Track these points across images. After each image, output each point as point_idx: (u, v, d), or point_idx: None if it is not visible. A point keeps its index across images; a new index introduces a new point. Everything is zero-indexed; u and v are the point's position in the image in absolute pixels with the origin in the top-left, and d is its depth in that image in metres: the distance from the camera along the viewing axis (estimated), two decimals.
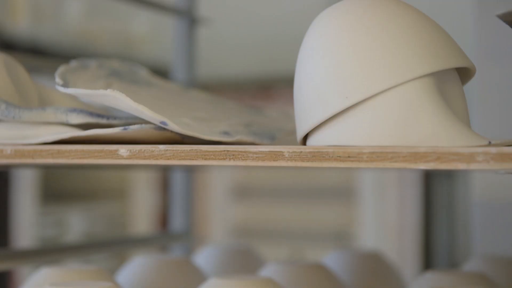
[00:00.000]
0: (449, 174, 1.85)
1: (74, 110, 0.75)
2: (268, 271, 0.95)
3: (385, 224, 1.96)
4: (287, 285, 0.91)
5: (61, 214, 2.38)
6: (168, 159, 0.68)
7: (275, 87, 2.15)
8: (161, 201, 2.44)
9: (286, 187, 2.26)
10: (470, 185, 1.72)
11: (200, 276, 0.97)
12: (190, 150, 0.67)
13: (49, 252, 1.07)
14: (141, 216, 2.43)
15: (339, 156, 0.63)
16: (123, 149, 0.69)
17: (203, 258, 1.13)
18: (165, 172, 2.14)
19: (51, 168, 2.07)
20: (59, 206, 2.40)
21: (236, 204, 2.25)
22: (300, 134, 0.69)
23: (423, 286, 0.85)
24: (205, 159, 0.67)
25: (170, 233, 1.38)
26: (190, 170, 1.38)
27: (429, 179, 1.94)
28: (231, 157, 0.66)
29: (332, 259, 1.07)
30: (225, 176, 2.27)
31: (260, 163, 0.65)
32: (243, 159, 0.66)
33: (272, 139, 0.82)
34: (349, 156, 0.62)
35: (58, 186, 2.43)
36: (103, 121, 0.75)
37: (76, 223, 2.36)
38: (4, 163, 0.79)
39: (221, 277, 0.82)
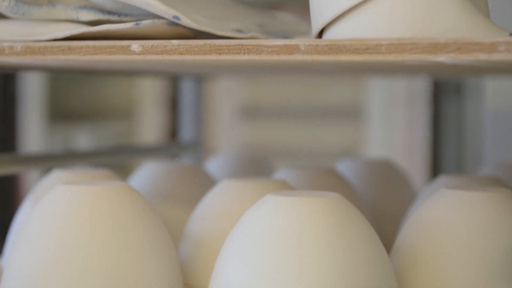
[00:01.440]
0: (458, 91, 1.84)
1: (84, 7, 0.74)
2: (280, 175, 0.94)
3: (393, 143, 1.96)
4: (300, 188, 0.90)
5: (69, 134, 2.38)
6: (181, 54, 0.67)
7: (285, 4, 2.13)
8: (169, 120, 2.43)
9: (293, 107, 2.25)
10: (480, 99, 1.71)
11: (211, 182, 0.96)
12: (203, 44, 0.66)
13: (58, 157, 1.07)
14: (149, 135, 2.43)
15: (357, 49, 0.61)
16: (135, 45, 0.68)
17: (214, 166, 1.13)
18: (173, 88, 2.13)
19: (60, 74, 2.05)
20: (66, 126, 2.40)
21: (244, 123, 2.25)
22: (315, 29, 0.68)
23: (436, 188, 0.85)
24: (219, 53, 0.66)
25: (180, 143, 1.37)
26: (199, 81, 1.37)
27: (438, 97, 1.93)
28: (246, 51, 0.65)
29: (343, 166, 1.07)
30: (232, 95, 2.26)
31: (275, 57, 0.64)
32: (257, 53, 0.64)
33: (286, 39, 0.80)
34: (366, 48, 0.61)
35: (65, 105, 2.42)
36: (114, 18, 0.74)
37: (83, 142, 2.36)
38: (14, 62, 0.78)
39: (233, 179, 0.82)
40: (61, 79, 2.30)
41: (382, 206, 1.02)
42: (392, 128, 1.99)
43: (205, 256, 0.77)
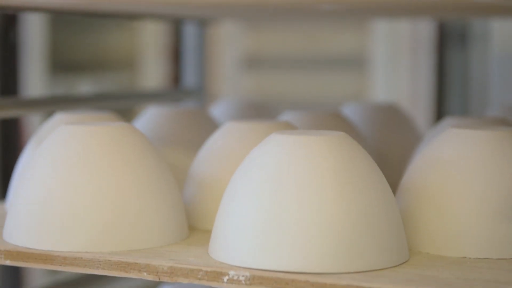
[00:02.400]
0: (463, 37, 1.82)
1: None
2: (284, 117, 0.93)
3: (398, 91, 1.94)
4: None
5: (71, 84, 2.36)
6: None
7: None
8: (172, 70, 2.42)
9: (297, 57, 2.23)
10: (486, 45, 1.69)
11: (215, 126, 0.96)
12: None
13: (60, 101, 1.06)
14: (152, 85, 2.42)
15: None
16: None
17: (217, 111, 1.12)
18: (176, 37, 2.11)
19: (61, 23, 2.04)
20: (68, 76, 2.38)
21: (247, 72, 2.23)
22: None
23: (442, 130, 0.84)
24: None
25: (182, 89, 1.36)
26: (202, 25, 1.35)
27: (444, 44, 1.91)
28: None
29: (348, 110, 1.06)
30: (236, 44, 2.24)
31: None
32: None
33: None
34: None
35: (67, 56, 2.40)
36: None
37: (85, 93, 2.35)
38: (15, 2, 0.77)
39: (237, 121, 0.81)
40: (63, 29, 2.29)
41: (387, 150, 1.01)
42: (397, 76, 1.97)
43: (209, 198, 0.77)
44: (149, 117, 0.96)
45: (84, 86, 2.38)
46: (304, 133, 0.67)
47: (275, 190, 0.63)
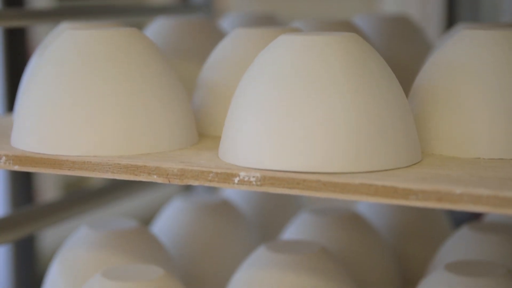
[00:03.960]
0: None
1: None
2: (294, 25, 0.92)
3: (408, 4, 1.91)
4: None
5: None
6: None
7: None
8: None
9: None
10: None
11: (222, 35, 0.94)
12: None
13: (66, 11, 1.04)
14: (160, 1, 2.39)
15: None
16: None
17: (225, 24, 1.10)
18: None
19: None
20: None
21: None
22: None
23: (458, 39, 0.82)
24: None
25: (191, 3, 1.35)
26: None
27: None
28: None
29: (359, 21, 1.04)
30: None
31: None
32: None
33: None
34: None
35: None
36: None
37: None
38: None
39: (245, 28, 0.79)
40: None
41: (398, 60, 1.00)
42: None
43: (219, 103, 0.76)
44: (157, 27, 0.94)
45: None
46: (314, 34, 0.65)
47: (285, 89, 0.62)
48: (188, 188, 1.39)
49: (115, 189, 1.12)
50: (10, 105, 1.13)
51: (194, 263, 0.97)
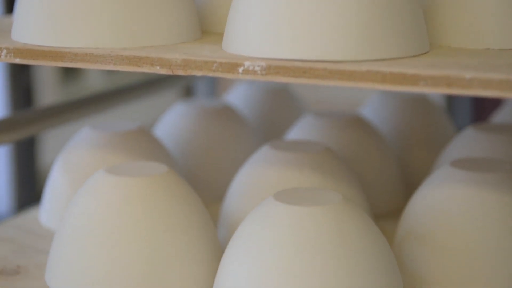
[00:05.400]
0: None
1: None
2: None
3: None
4: None
5: None
6: None
7: None
8: None
9: None
10: None
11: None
12: None
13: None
14: None
15: None
16: None
17: None
18: None
19: None
20: None
21: None
22: None
23: None
24: None
25: None
26: None
27: None
28: None
29: None
30: None
31: None
32: None
33: None
34: None
35: None
36: None
37: None
38: None
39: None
40: None
41: None
42: None
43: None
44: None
45: None
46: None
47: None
48: (190, 93, 1.38)
49: (118, 94, 1.11)
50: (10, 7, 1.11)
51: (197, 164, 0.96)
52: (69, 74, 1.76)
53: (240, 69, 0.61)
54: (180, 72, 0.63)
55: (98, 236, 0.70)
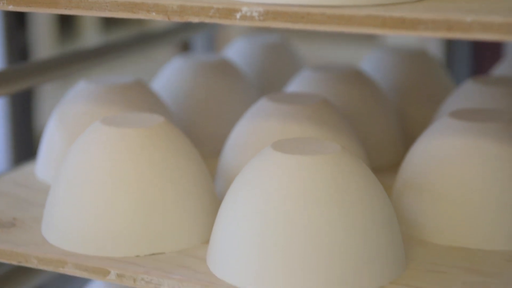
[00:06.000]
0: None
1: None
2: None
3: None
4: None
5: None
6: None
7: None
8: None
9: None
10: None
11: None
12: None
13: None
14: None
15: None
16: None
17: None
18: None
19: None
20: None
21: None
22: None
23: None
24: None
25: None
26: None
27: None
28: None
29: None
30: None
31: None
32: None
33: None
34: None
35: None
36: None
37: None
38: None
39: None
40: None
41: None
42: None
43: None
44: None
45: None
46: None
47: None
48: (188, 49, 1.37)
49: (115, 48, 1.10)
50: None
51: (195, 118, 0.96)
52: (65, 32, 1.74)
53: (238, 15, 0.60)
54: (177, 19, 0.62)
55: (93, 187, 0.70)
